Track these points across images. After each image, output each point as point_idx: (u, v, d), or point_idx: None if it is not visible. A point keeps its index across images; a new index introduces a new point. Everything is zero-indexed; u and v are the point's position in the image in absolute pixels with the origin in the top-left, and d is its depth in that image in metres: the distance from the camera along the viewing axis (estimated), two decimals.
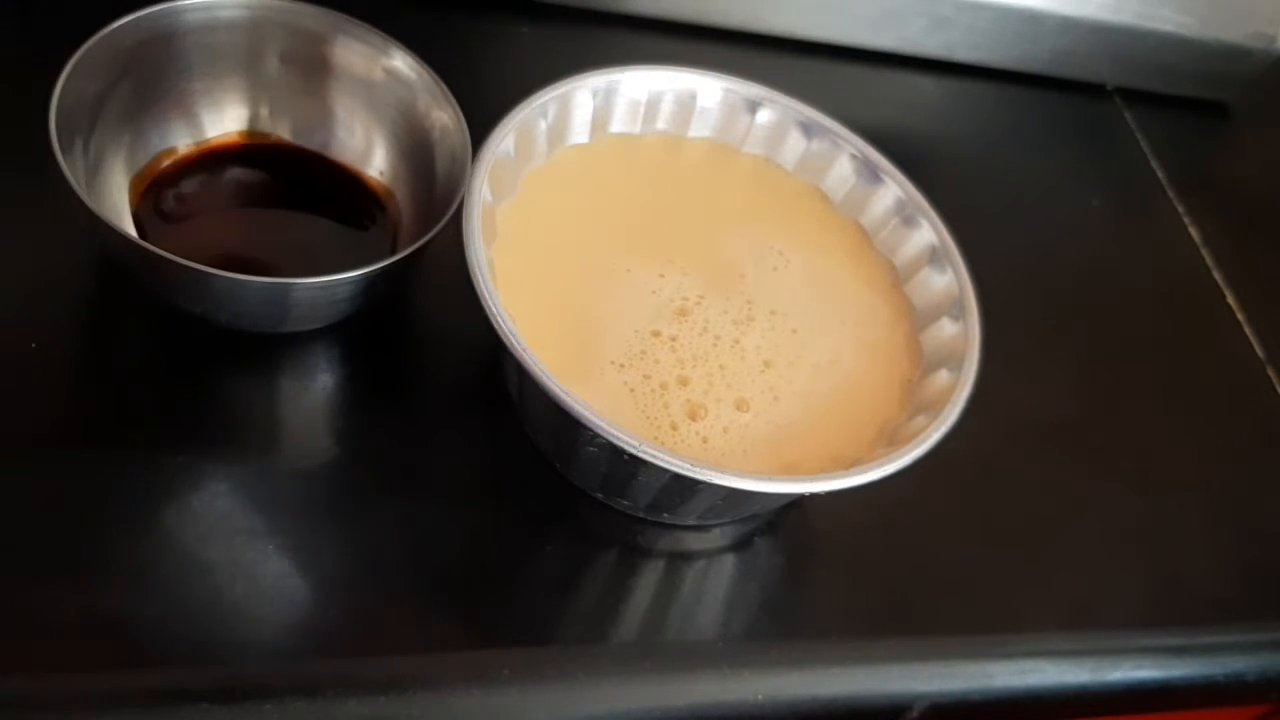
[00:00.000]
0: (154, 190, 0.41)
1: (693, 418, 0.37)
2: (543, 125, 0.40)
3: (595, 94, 0.41)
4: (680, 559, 0.39)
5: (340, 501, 0.37)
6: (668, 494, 0.36)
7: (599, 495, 0.39)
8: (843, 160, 0.44)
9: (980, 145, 0.45)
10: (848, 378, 0.39)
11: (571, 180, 0.41)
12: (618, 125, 0.43)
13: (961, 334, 0.39)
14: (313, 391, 0.39)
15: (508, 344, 0.33)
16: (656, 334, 0.38)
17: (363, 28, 0.41)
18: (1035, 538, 0.45)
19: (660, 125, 0.43)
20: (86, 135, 0.38)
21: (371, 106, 0.42)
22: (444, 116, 0.40)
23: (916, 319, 0.41)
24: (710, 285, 0.40)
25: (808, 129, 0.44)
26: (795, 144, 0.44)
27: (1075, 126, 0.64)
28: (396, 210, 0.42)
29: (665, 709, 0.37)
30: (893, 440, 0.37)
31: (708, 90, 0.43)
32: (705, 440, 0.36)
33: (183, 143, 0.42)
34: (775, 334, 0.40)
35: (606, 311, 0.38)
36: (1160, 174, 0.62)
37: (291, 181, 0.43)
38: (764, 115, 0.44)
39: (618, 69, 0.42)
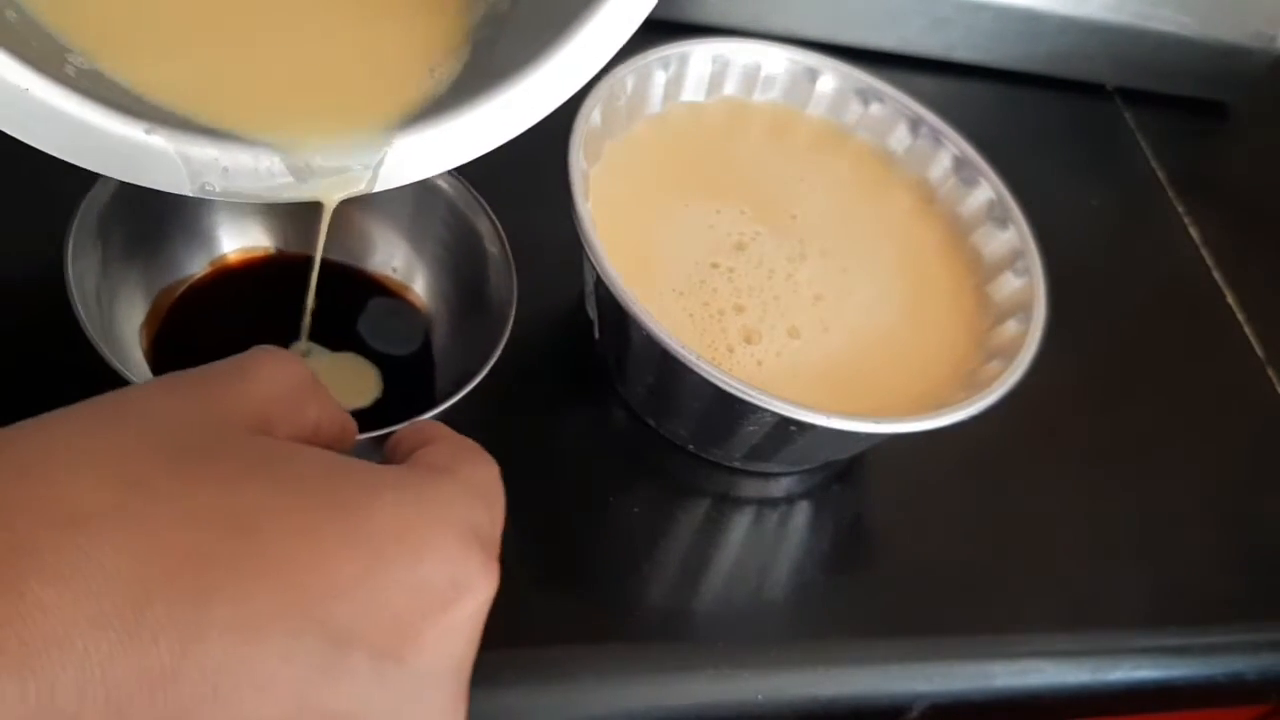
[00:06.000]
0: (168, 327, 0.37)
1: (748, 341, 0.40)
2: (623, 100, 0.42)
3: (667, 65, 0.44)
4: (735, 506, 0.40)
5: None
6: (770, 440, 0.38)
7: (690, 447, 0.41)
8: (901, 125, 0.46)
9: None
10: (913, 326, 0.42)
11: (649, 145, 0.44)
12: (688, 94, 0.45)
13: (1026, 287, 0.41)
14: None
15: (597, 264, 0.37)
16: (715, 265, 0.41)
17: None
18: (1035, 537, 0.45)
19: (727, 92, 0.46)
20: (98, 284, 0.34)
21: (399, 219, 0.39)
22: (481, 227, 0.38)
23: (982, 272, 0.44)
24: (765, 224, 0.43)
25: (865, 95, 0.46)
26: (855, 109, 0.46)
27: (1075, 126, 0.64)
28: (427, 316, 0.40)
29: (665, 709, 0.37)
30: (970, 385, 0.39)
31: (772, 60, 0.46)
32: (760, 363, 0.39)
33: (198, 268, 0.38)
34: (827, 272, 0.42)
35: (669, 244, 0.42)
36: (1160, 174, 0.63)
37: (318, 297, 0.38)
38: (824, 83, 0.46)
39: (686, 42, 0.44)
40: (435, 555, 0.21)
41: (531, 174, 0.39)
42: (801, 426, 0.36)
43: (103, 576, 0.18)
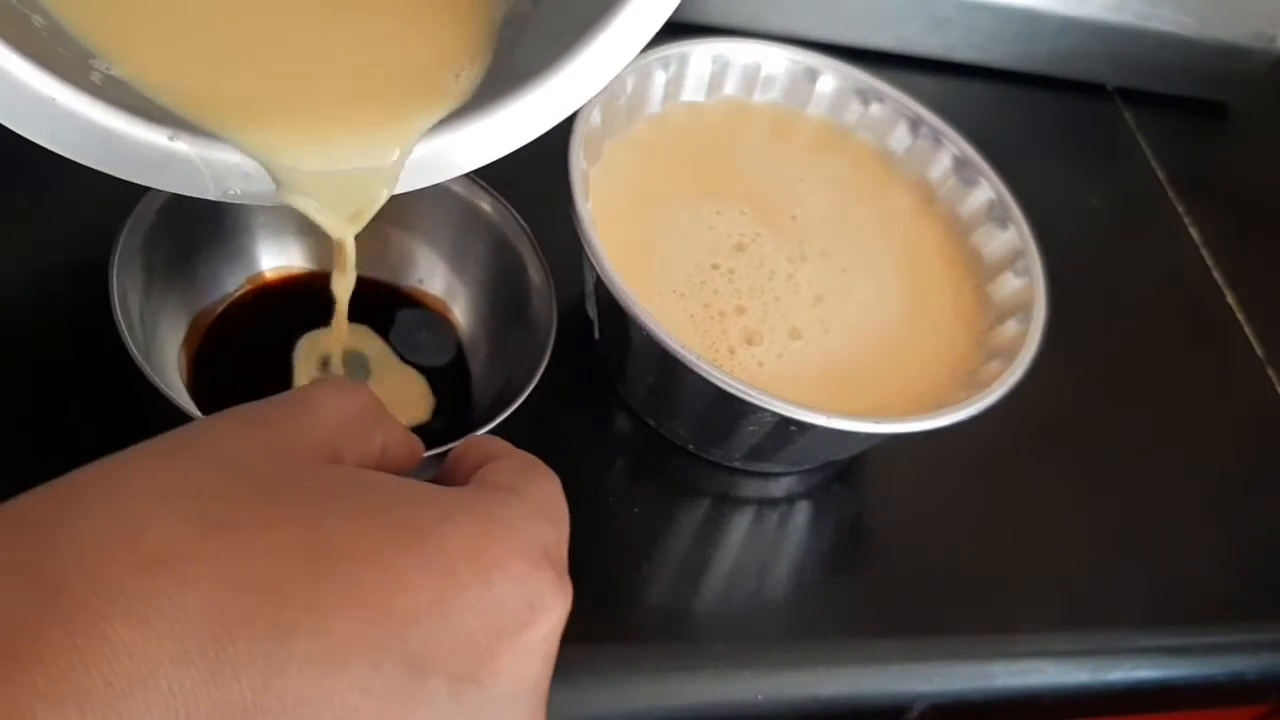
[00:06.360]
0: (207, 345, 0.37)
1: (749, 343, 0.40)
2: (623, 99, 0.42)
3: (667, 65, 0.44)
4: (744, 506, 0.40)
5: None
6: (770, 439, 0.38)
7: (690, 447, 0.41)
8: (901, 125, 0.46)
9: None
10: (913, 326, 0.42)
11: (649, 145, 0.44)
12: (688, 94, 0.45)
13: (1026, 287, 0.41)
14: None
15: (597, 265, 0.37)
16: (715, 266, 0.41)
17: None
18: (1035, 537, 0.45)
19: (727, 92, 0.46)
20: (141, 304, 0.34)
21: (439, 240, 0.40)
22: (523, 252, 0.39)
23: (982, 272, 0.44)
24: (766, 225, 0.43)
25: (865, 95, 0.46)
26: (855, 109, 0.47)
27: (1075, 126, 0.64)
28: (463, 331, 0.40)
29: (665, 709, 0.37)
30: (970, 385, 0.39)
31: (772, 60, 0.46)
32: (761, 364, 0.39)
33: (236, 286, 0.38)
34: (827, 273, 0.42)
35: (669, 245, 0.41)
36: (1160, 174, 0.63)
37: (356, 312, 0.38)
38: (824, 83, 0.46)
39: (686, 42, 0.44)
40: (507, 577, 0.21)
41: (531, 174, 0.39)
42: (802, 426, 0.36)
43: (185, 617, 0.18)
